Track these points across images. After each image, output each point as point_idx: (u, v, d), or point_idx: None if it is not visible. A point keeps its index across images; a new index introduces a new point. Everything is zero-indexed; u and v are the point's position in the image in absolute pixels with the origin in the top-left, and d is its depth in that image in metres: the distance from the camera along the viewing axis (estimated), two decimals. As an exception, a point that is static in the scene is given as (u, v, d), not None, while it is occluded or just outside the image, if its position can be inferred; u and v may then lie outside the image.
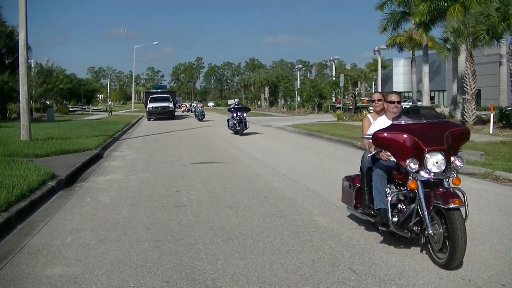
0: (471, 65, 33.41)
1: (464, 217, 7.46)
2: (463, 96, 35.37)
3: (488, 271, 7.06)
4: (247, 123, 34.97)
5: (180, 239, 8.83)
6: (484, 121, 34.32)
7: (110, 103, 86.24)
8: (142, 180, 15.54)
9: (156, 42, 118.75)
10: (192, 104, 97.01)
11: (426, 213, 7.41)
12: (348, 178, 10.03)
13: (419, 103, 68.54)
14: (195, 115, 61.76)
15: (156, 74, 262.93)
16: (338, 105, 68.37)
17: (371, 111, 10.41)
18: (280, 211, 10.84)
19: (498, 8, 30.51)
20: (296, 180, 14.85)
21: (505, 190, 13.21)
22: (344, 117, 50.70)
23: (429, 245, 7.61)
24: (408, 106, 45.20)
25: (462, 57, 37.72)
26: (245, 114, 34.79)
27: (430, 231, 7.35)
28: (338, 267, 7.31)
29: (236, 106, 36.99)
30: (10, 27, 54.63)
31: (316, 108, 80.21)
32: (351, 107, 55.68)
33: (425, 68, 55.42)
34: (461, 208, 7.26)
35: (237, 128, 34.13)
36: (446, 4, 41.93)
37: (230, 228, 9.47)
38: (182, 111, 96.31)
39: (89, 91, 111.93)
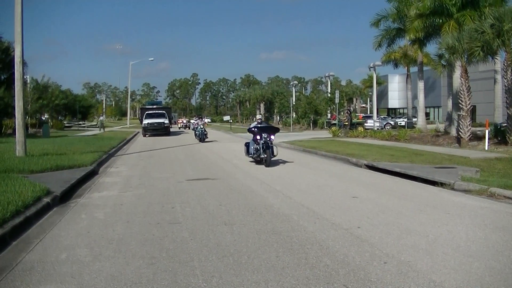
0: (466, 81, 33.48)
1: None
2: (458, 112, 35.46)
3: (483, 289, 7.05)
4: (274, 148, 25.16)
5: (175, 256, 8.81)
6: (479, 137, 34.32)
7: (101, 118, 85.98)
8: (137, 196, 15.52)
9: (152, 58, 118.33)
10: (191, 120, 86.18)
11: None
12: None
13: (414, 119, 68.78)
14: (196, 134, 49.73)
15: (152, 90, 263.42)
16: (334, 122, 68.43)
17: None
18: (275, 228, 10.82)
19: (492, 25, 30.62)
20: (291, 197, 14.84)
21: (500, 207, 13.21)
22: (340, 134, 50.68)
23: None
24: (403, 123, 45.70)
25: (457, 73, 37.82)
26: (272, 137, 25.08)
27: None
28: (333, 284, 7.30)
29: (259, 125, 25.97)
30: (6, 42, 54.82)
31: (311, 124, 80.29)
32: (347, 123, 55.66)
33: (420, 84, 55.69)
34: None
35: (262, 156, 24.51)
36: (440, 20, 42.04)
37: (225, 245, 9.44)
38: (179, 128, 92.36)
39: (85, 107, 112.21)
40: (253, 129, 25.62)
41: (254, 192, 16.09)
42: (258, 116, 29.01)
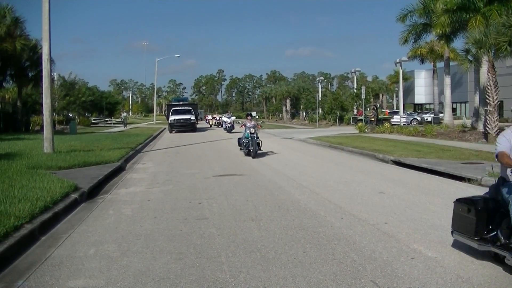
0: (493, 76, 33.23)
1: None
2: (485, 108, 35.20)
3: (512, 285, 7.02)
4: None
5: (202, 251, 8.85)
6: (507, 133, 34.00)
7: (124, 114, 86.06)
8: (164, 192, 15.59)
9: (178, 55, 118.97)
10: (223, 117, 72.72)
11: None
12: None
13: (440, 115, 68.34)
14: (242, 143, 45.98)
15: (178, 87, 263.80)
16: (360, 118, 68.17)
17: None
18: (302, 224, 10.83)
19: (519, 19, 30.39)
20: (318, 193, 14.83)
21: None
22: (366, 130, 50.50)
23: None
24: (429, 119, 44.84)
25: (484, 68, 37.51)
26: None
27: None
28: (361, 280, 7.30)
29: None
30: (34, 40, 55.30)
31: (337, 120, 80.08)
32: (373, 119, 55.45)
33: (447, 80, 55.33)
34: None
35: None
36: (467, 15, 41.73)
37: (252, 241, 9.48)
38: (210, 125, 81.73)
39: (111, 104, 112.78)
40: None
41: (281, 188, 16.10)
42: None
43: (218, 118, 76.85)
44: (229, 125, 59.34)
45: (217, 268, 7.93)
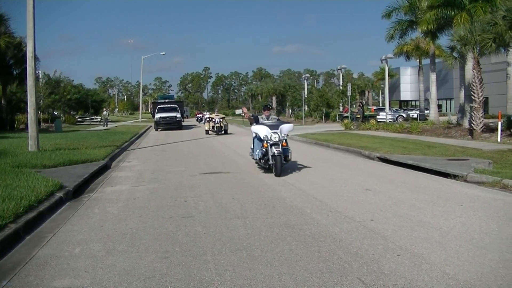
0: (478, 73, 33.33)
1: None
2: (471, 104, 35.28)
3: (498, 281, 7.01)
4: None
5: (188, 250, 8.83)
6: (492, 129, 34.18)
7: (105, 112, 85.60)
8: (150, 190, 15.55)
9: (164, 52, 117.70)
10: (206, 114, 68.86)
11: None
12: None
13: (426, 112, 68.57)
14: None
15: (164, 84, 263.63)
16: (346, 114, 68.21)
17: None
18: (288, 221, 10.82)
19: (504, 17, 30.48)
20: (304, 190, 14.82)
21: (513, 199, 13.16)
22: (352, 126, 50.58)
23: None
24: (415, 115, 45.16)
25: (469, 65, 37.64)
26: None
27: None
28: (347, 277, 7.29)
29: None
30: (18, 38, 55.20)
31: (323, 117, 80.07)
32: (359, 116, 55.54)
33: (433, 77, 55.48)
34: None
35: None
36: (452, 12, 41.90)
37: (238, 239, 9.45)
38: (206, 131, 50.27)
39: (97, 102, 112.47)
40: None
41: (267, 185, 16.09)
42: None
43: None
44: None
45: (203, 266, 7.91)
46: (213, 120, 49.23)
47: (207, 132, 49.47)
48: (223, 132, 48.58)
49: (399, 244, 8.82)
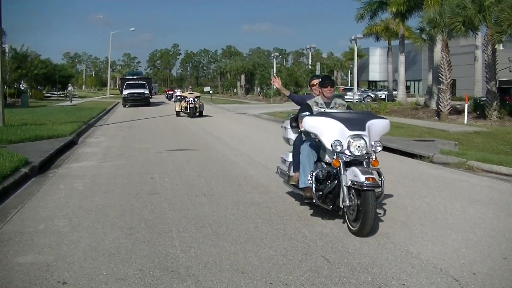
0: (447, 55, 33.57)
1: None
2: (438, 86, 35.56)
3: (460, 260, 7.10)
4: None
5: (153, 226, 8.81)
6: (459, 111, 34.48)
7: (70, 88, 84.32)
8: (117, 167, 15.47)
9: (133, 28, 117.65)
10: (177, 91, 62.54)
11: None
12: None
13: (394, 92, 68.93)
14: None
15: (132, 61, 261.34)
16: (314, 94, 68.26)
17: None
18: (254, 199, 10.84)
19: (473, 0, 30.68)
20: (270, 168, 14.78)
21: (478, 180, 13.31)
22: (320, 106, 50.65)
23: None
24: (383, 96, 44.96)
25: (438, 47, 37.84)
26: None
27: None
28: (311, 255, 7.33)
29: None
30: (-16, 11, 54.12)
31: (292, 96, 79.93)
32: (327, 95, 55.62)
33: (401, 58, 55.80)
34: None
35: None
36: (423, -6, 42.09)
37: (203, 216, 9.45)
38: (177, 112, 42.61)
39: (65, 77, 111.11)
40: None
41: (234, 163, 16.11)
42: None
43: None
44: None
45: (168, 243, 7.90)
46: (186, 99, 40.79)
47: (178, 114, 41.41)
48: (197, 114, 39.92)
49: (364, 223, 8.87)
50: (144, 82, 67.75)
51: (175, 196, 11.21)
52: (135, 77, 78.43)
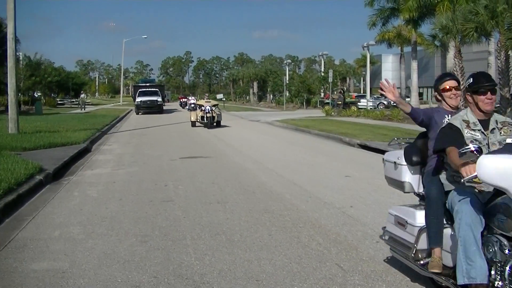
0: (460, 61, 33.52)
1: None
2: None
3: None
4: None
5: (167, 234, 8.83)
6: (472, 118, 34.31)
7: (82, 95, 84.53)
8: (130, 174, 15.52)
9: (145, 36, 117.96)
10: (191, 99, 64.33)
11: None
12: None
13: (407, 99, 68.78)
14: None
15: (145, 68, 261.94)
16: (327, 101, 68.32)
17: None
18: (267, 207, 10.84)
19: (486, 6, 30.60)
20: (283, 176, 14.84)
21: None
22: (333, 113, 50.61)
23: None
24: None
25: (451, 53, 37.74)
26: None
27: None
28: (325, 263, 7.33)
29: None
30: (-2, 19, 54.48)
31: (304, 103, 79.98)
32: (340, 102, 55.60)
33: (414, 64, 55.60)
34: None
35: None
36: (435, 0, 41.99)
37: (217, 223, 9.47)
38: (193, 122, 38.96)
39: (78, 84, 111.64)
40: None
41: (247, 170, 16.12)
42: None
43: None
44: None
45: (182, 250, 7.92)
46: (202, 108, 37.88)
47: (193, 124, 37.92)
48: (215, 124, 36.70)
49: (378, 231, 8.83)
50: (157, 90, 67.92)
51: (189, 204, 11.23)
52: (148, 84, 78.53)
